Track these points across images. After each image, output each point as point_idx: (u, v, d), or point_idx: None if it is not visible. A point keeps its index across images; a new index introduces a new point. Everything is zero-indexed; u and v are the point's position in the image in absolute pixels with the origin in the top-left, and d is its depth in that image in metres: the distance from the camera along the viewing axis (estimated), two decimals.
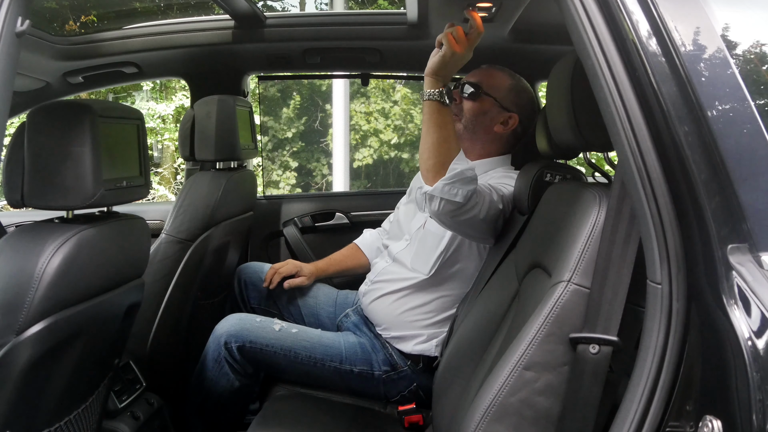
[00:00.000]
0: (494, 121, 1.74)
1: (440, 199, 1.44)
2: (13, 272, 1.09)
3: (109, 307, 1.29)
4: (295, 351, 1.70)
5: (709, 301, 0.86)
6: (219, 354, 1.73)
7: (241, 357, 1.71)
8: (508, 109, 1.74)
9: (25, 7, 1.03)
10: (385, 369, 1.72)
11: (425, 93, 1.47)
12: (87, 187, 1.12)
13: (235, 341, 1.71)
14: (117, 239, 1.27)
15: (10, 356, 1.07)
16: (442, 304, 1.74)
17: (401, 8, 2.23)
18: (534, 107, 1.80)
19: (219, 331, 1.75)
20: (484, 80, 1.75)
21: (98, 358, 1.36)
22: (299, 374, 1.74)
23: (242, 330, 1.72)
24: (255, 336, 1.71)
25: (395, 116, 7.60)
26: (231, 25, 2.19)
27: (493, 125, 1.74)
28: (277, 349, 1.71)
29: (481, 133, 1.75)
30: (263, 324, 1.75)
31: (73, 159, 1.11)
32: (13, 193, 1.14)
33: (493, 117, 1.74)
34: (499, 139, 1.77)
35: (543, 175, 1.80)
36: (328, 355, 1.72)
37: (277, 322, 1.77)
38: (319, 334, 1.78)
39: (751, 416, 0.76)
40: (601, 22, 0.93)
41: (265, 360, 1.72)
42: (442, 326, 1.73)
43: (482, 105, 1.74)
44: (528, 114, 1.77)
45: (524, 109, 1.76)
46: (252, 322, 1.74)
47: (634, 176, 0.92)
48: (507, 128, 1.74)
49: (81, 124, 1.12)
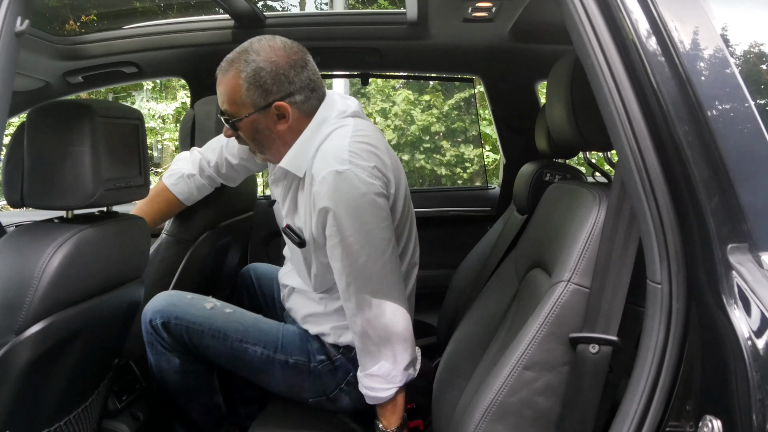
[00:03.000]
0: (271, 126, 1.44)
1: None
2: (12, 272, 1.09)
3: (108, 307, 1.29)
4: (225, 332, 1.54)
5: (709, 301, 0.86)
6: (148, 335, 1.59)
7: (167, 335, 1.56)
8: (267, 105, 1.41)
9: (25, 7, 1.03)
10: (321, 359, 1.57)
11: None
12: (87, 186, 1.12)
13: (160, 317, 1.56)
14: (117, 239, 1.27)
15: (9, 356, 1.07)
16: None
17: (401, 8, 2.23)
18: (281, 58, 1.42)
19: (145, 309, 1.59)
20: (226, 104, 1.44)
21: (98, 358, 1.35)
22: (228, 359, 1.58)
23: (168, 305, 1.57)
24: (182, 312, 1.56)
25: (395, 116, 7.60)
26: (231, 25, 2.19)
27: (275, 128, 1.44)
28: (205, 328, 1.55)
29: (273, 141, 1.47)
30: (194, 301, 1.60)
31: (73, 159, 1.11)
32: (12, 192, 1.14)
33: (266, 125, 1.43)
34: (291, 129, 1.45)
35: (542, 175, 1.80)
36: (261, 341, 1.57)
37: (211, 300, 1.62)
38: (255, 318, 1.62)
39: (751, 416, 0.76)
40: (601, 21, 0.93)
41: (192, 340, 1.56)
42: None
43: (247, 126, 1.44)
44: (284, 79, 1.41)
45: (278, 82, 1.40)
46: (181, 299, 1.60)
47: (634, 176, 0.92)
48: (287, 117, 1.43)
49: (81, 124, 1.12)
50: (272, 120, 1.43)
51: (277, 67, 1.40)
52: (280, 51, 1.41)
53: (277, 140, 1.46)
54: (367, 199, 1.34)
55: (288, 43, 1.44)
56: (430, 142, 7.68)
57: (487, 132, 6.58)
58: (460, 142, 7.79)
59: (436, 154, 7.70)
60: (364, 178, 1.33)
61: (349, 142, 1.37)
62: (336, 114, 1.46)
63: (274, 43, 1.43)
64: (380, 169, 1.38)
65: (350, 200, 1.33)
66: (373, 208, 1.35)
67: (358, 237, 1.33)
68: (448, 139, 7.75)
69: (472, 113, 7.75)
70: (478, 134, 7.18)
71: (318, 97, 1.47)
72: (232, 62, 1.42)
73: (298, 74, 1.42)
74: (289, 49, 1.43)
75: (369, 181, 1.34)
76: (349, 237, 1.33)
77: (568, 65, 1.20)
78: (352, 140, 1.38)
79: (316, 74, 1.47)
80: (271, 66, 1.39)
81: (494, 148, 7.01)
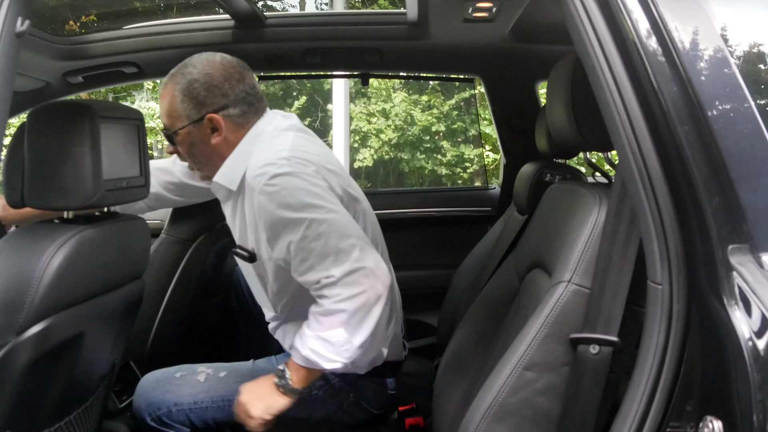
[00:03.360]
0: (206, 139, 1.43)
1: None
2: (13, 273, 1.09)
3: (109, 307, 1.29)
4: (228, 398, 1.45)
5: (709, 302, 0.86)
6: (151, 430, 1.51)
7: (171, 421, 1.50)
8: (201, 118, 1.41)
9: (25, 7, 1.03)
10: (320, 384, 1.51)
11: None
12: (87, 187, 1.12)
13: (158, 410, 1.49)
14: (117, 239, 1.27)
15: (10, 356, 1.07)
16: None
17: (401, 8, 2.23)
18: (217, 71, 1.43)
19: (137, 402, 1.53)
20: (164, 116, 1.44)
21: (98, 358, 1.35)
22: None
23: (161, 393, 1.50)
24: (177, 397, 1.49)
25: (396, 116, 7.60)
26: (231, 25, 2.18)
27: (209, 142, 1.43)
28: (207, 403, 1.48)
29: (210, 156, 1.45)
30: (186, 379, 1.52)
31: (73, 159, 1.11)
32: (13, 193, 1.14)
33: (201, 138, 1.43)
34: (226, 142, 1.44)
35: (543, 175, 1.80)
36: None
37: (201, 370, 1.53)
38: (250, 369, 1.55)
39: (752, 417, 0.76)
40: (601, 21, 0.93)
41: (198, 418, 1.49)
42: None
43: (183, 139, 1.44)
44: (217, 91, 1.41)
45: (211, 94, 1.41)
46: (171, 381, 1.52)
47: (635, 176, 0.91)
48: (221, 130, 1.42)
49: (81, 124, 1.12)
50: (206, 133, 1.42)
51: (211, 80, 1.40)
52: (216, 65, 1.43)
53: (213, 155, 1.44)
54: (307, 185, 1.30)
55: (227, 59, 1.46)
56: (431, 142, 7.68)
57: (487, 132, 6.58)
58: (461, 142, 7.79)
59: (437, 154, 7.71)
60: (304, 175, 1.31)
61: (288, 153, 1.34)
62: (272, 128, 1.44)
63: (212, 58, 1.45)
64: (323, 175, 1.35)
65: (291, 195, 1.29)
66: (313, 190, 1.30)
67: (310, 224, 1.28)
68: (448, 139, 7.75)
69: (472, 113, 7.75)
70: (478, 134, 7.18)
71: (255, 112, 1.46)
72: (171, 76, 1.43)
73: (233, 87, 1.42)
74: (227, 63, 1.44)
75: (310, 178, 1.31)
76: (300, 229, 1.28)
77: (569, 65, 1.20)
78: (290, 152, 1.35)
79: (255, 89, 1.47)
80: (205, 78, 1.40)
81: (494, 148, 7.01)
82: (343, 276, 1.28)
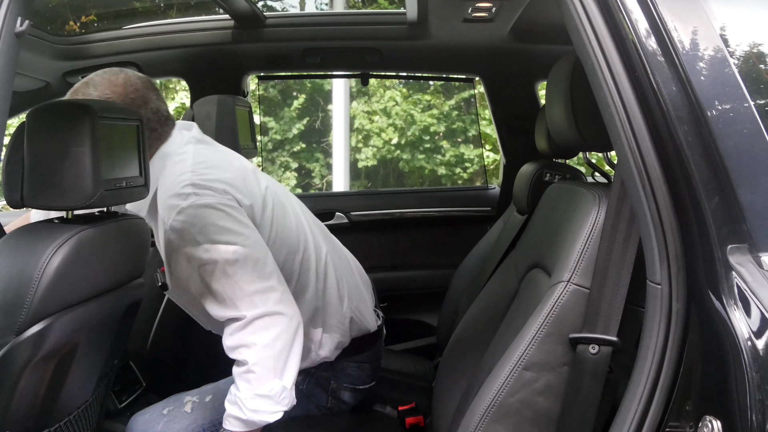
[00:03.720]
0: None
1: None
2: (12, 272, 1.09)
3: (109, 307, 1.29)
4: (217, 421, 1.41)
5: (708, 302, 0.86)
6: None
7: None
8: None
9: (25, 7, 1.03)
10: (300, 379, 1.49)
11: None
12: (86, 187, 1.12)
13: None
14: (117, 239, 1.27)
15: (9, 356, 1.07)
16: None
17: (401, 8, 2.23)
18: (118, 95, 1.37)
19: None
20: None
21: (98, 358, 1.35)
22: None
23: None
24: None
25: (396, 116, 7.60)
26: (231, 25, 2.19)
27: None
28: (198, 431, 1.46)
29: None
30: (173, 413, 1.49)
31: (73, 159, 1.11)
32: (12, 193, 1.14)
33: None
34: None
35: (542, 175, 1.80)
36: None
37: (186, 399, 1.52)
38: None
39: (751, 416, 0.76)
40: (601, 21, 0.93)
41: None
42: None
43: None
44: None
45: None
46: (158, 420, 1.49)
47: (634, 176, 0.91)
48: None
49: (80, 124, 1.12)
50: None
51: None
52: (118, 88, 1.36)
53: None
54: (215, 218, 1.26)
55: (131, 80, 1.38)
56: (430, 142, 7.68)
57: (487, 132, 6.58)
58: (460, 142, 7.79)
59: (437, 154, 7.70)
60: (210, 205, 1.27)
61: (190, 177, 1.31)
62: (175, 149, 1.40)
63: (115, 79, 1.37)
64: (229, 184, 1.32)
65: (200, 232, 1.26)
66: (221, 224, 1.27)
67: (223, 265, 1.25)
68: (448, 139, 7.75)
69: (472, 113, 7.75)
70: (478, 134, 7.18)
71: (158, 137, 1.41)
72: (73, 93, 1.38)
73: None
74: (130, 86, 1.37)
75: (218, 205, 1.27)
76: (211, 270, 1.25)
77: (568, 65, 1.20)
78: (193, 174, 1.31)
79: (159, 113, 1.41)
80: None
81: (494, 148, 7.01)
82: (255, 318, 1.25)
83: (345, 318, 1.53)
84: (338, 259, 1.58)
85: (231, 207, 1.30)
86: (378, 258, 2.59)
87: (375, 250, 2.61)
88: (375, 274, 2.59)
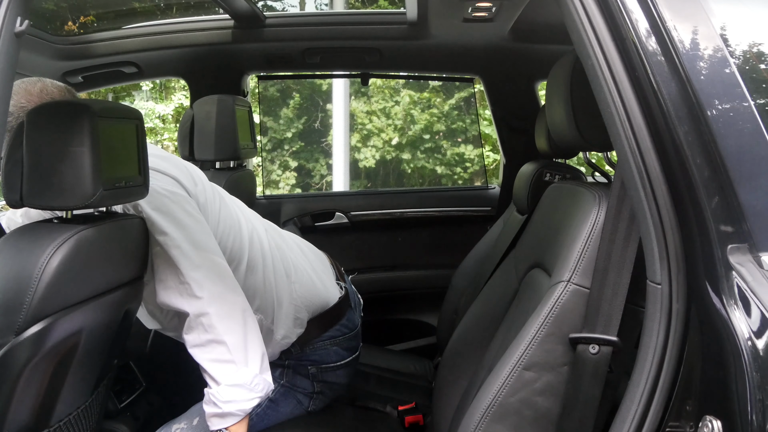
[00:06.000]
0: None
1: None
2: (12, 273, 1.09)
3: (108, 307, 1.28)
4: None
5: (709, 302, 0.86)
6: None
7: None
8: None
9: (25, 7, 1.03)
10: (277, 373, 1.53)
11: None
12: (86, 187, 1.12)
13: None
14: (116, 239, 1.27)
15: (9, 357, 1.06)
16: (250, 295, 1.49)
17: (401, 8, 2.23)
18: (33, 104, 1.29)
19: None
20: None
21: (98, 358, 1.35)
22: None
23: None
24: None
25: (396, 116, 7.60)
26: (231, 25, 2.19)
27: None
28: None
29: None
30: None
31: (72, 159, 1.11)
32: (11, 193, 1.14)
33: None
34: None
35: (542, 175, 1.80)
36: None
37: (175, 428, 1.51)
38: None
39: (751, 416, 0.76)
40: (601, 21, 0.93)
41: None
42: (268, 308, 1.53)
43: None
44: None
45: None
46: None
47: (634, 176, 0.91)
48: None
49: (80, 124, 1.12)
50: None
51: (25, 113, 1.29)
52: (34, 97, 1.30)
53: None
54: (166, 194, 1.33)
55: (48, 89, 1.33)
56: (431, 141, 7.68)
57: (487, 132, 6.58)
58: (460, 142, 7.79)
59: (437, 154, 7.70)
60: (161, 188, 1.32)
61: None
62: None
63: (32, 88, 1.32)
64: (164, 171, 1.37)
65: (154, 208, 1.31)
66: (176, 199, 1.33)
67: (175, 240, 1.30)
68: (448, 139, 7.75)
69: (472, 113, 7.75)
70: (478, 134, 7.18)
71: None
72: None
73: None
74: (47, 95, 1.31)
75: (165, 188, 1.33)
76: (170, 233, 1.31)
77: (568, 65, 1.20)
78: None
79: None
80: (20, 112, 1.27)
81: (494, 148, 7.01)
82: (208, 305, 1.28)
83: (295, 293, 1.55)
84: (280, 239, 1.62)
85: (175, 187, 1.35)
86: (378, 258, 2.59)
87: (375, 250, 2.61)
88: (375, 274, 2.60)
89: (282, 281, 1.54)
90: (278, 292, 1.53)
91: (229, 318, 1.29)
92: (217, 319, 1.29)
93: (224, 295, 1.31)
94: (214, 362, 1.29)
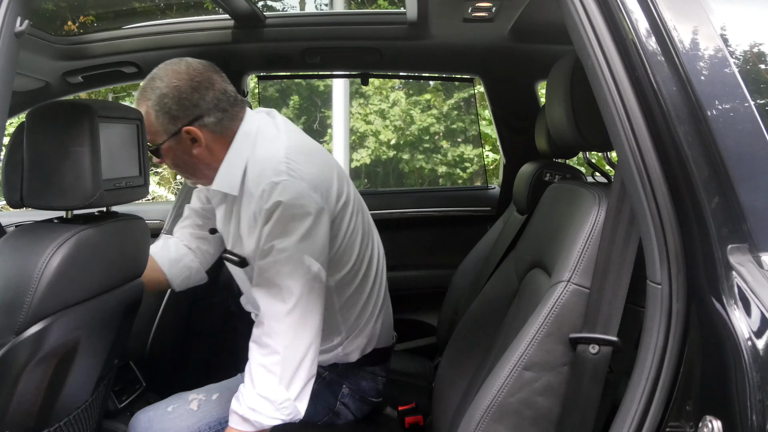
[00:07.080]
0: (188, 151, 1.41)
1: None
2: (12, 272, 1.09)
3: (109, 307, 1.29)
4: (224, 418, 1.39)
5: (709, 302, 0.86)
6: None
7: None
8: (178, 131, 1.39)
9: (25, 7, 1.03)
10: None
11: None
12: (86, 187, 1.12)
13: None
14: (116, 239, 1.27)
15: (9, 356, 1.06)
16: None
17: (401, 8, 2.23)
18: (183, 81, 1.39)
19: None
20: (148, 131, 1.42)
21: (98, 358, 1.35)
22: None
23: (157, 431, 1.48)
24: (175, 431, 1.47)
25: (394, 117, 7.60)
26: (230, 25, 2.19)
27: (192, 153, 1.41)
28: (206, 430, 1.46)
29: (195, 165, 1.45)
30: (178, 411, 1.49)
31: (73, 159, 1.11)
32: (12, 193, 1.14)
33: (183, 150, 1.41)
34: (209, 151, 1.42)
35: (542, 175, 1.81)
36: None
37: (192, 397, 1.52)
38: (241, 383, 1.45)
39: (751, 416, 0.76)
40: (601, 21, 0.93)
41: None
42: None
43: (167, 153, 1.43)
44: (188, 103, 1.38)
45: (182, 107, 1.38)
46: (164, 416, 1.49)
47: (634, 176, 0.91)
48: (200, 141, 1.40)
49: (80, 124, 1.12)
50: (187, 145, 1.40)
51: (179, 92, 1.37)
52: (182, 74, 1.38)
53: (199, 164, 1.44)
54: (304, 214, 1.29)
55: (193, 66, 1.40)
56: (430, 142, 7.68)
57: (487, 132, 6.58)
58: (460, 142, 7.79)
59: (436, 154, 7.70)
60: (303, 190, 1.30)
61: (285, 152, 1.35)
62: (258, 128, 1.43)
63: (177, 67, 1.40)
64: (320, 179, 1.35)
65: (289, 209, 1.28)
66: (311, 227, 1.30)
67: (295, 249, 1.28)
68: (447, 139, 7.75)
69: (472, 113, 7.75)
70: (478, 134, 7.19)
71: (232, 117, 1.43)
72: (142, 91, 1.40)
73: (203, 96, 1.38)
74: (193, 71, 1.39)
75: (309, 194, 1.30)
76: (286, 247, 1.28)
77: (568, 65, 1.20)
78: (288, 150, 1.36)
79: (227, 93, 1.43)
80: (173, 91, 1.36)
81: (494, 148, 7.01)
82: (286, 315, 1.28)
83: (377, 324, 1.57)
84: (380, 268, 1.62)
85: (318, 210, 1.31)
86: None
87: None
88: None
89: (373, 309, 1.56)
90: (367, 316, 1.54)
91: (298, 336, 1.28)
92: (288, 330, 1.28)
93: (307, 314, 1.30)
94: (261, 367, 1.28)
